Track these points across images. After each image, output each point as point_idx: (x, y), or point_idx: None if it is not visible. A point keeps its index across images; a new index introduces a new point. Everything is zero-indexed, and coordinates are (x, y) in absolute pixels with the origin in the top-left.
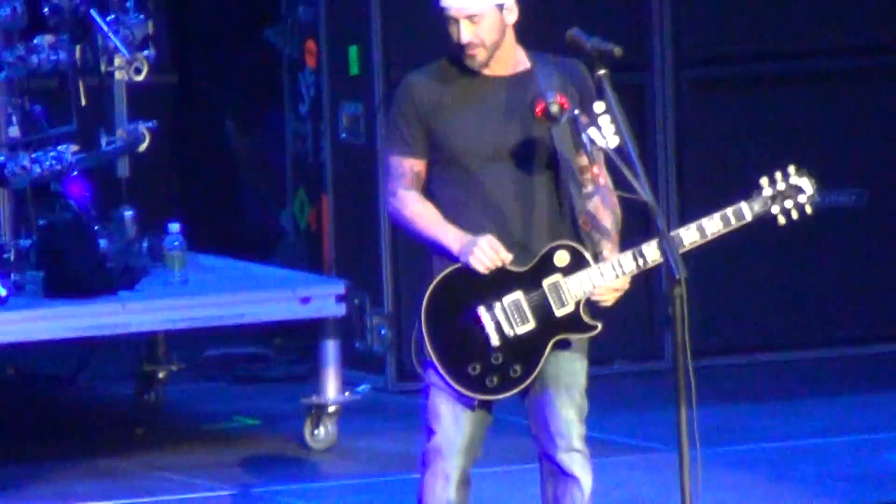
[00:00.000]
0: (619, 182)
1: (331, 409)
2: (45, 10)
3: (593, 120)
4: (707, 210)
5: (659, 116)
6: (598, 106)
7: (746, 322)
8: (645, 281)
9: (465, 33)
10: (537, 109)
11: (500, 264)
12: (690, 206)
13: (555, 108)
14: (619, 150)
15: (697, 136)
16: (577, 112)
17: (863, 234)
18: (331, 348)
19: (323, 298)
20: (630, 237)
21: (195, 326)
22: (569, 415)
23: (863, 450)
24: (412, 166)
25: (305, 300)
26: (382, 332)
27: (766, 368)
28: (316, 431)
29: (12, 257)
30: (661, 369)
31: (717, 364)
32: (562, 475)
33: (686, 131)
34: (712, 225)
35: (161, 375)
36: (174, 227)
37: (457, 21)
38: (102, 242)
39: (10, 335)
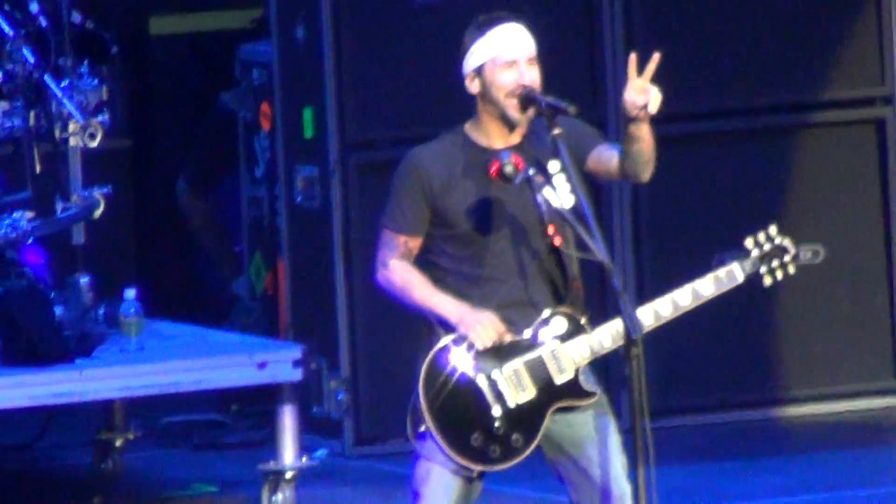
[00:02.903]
0: (576, 242)
1: (288, 475)
2: None
3: (548, 179)
4: (663, 271)
5: None
6: (553, 165)
7: (704, 381)
8: None
9: (531, 73)
10: (492, 170)
11: (499, 343)
12: (647, 265)
13: (509, 169)
14: (575, 209)
15: (653, 195)
16: (531, 172)
17: (821, 290)
18: (288, 413)
19: (280, 363)
20: (589, 297)
21: (152, 393)
22: (619, 474)
23: None
24: (406, 242)
25: (262, 365)
26: (340, 396)
27: (725, 428)
28: (274, 498)
29: None
30: (620, 430)
31: (675, 424)
32: None
33: (642, 190)
34: (705, 287)
35: (118, 443)
36: (130, 293)
37: (515, 64)
38: (58, 310)
39: None
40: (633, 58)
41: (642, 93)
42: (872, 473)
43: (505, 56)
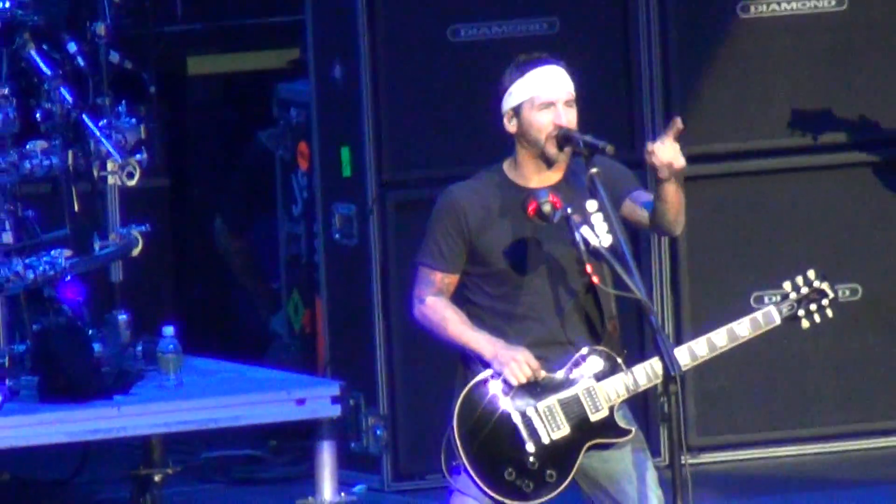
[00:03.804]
0: (613, 280)
1: None
2: (38, 115)
3: (586, 218)
4: (701, 310)
5: None
6: (591, 204)
7: (743, 418)
8: None
9: (569, 115)
10: (530, 209)
11: (533, 380)
12: (684, 304)
13: (547, 208)
14: (612, 248)
15: (691, 234)
16: (569, 211)
17: (857, 326)
18: (326, 449)
19: (318, 400)
20: (626, 335)
21: (191, 430)
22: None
23: None
24: (443, 279)
25: (301, 402)
26: (378, 432)
27: (763, 464)
28: None
29: (7, 363)
30: (658, 467)
31: (713, 461)
32: None
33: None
34: (742, 329)
35: (157, 479)
36: (168, 330)
37: (553, 105)
38: (97, 347)
39: (6, 441)
40: (677, 121)
41: (673, 153)
42: None
43: (543, 97)
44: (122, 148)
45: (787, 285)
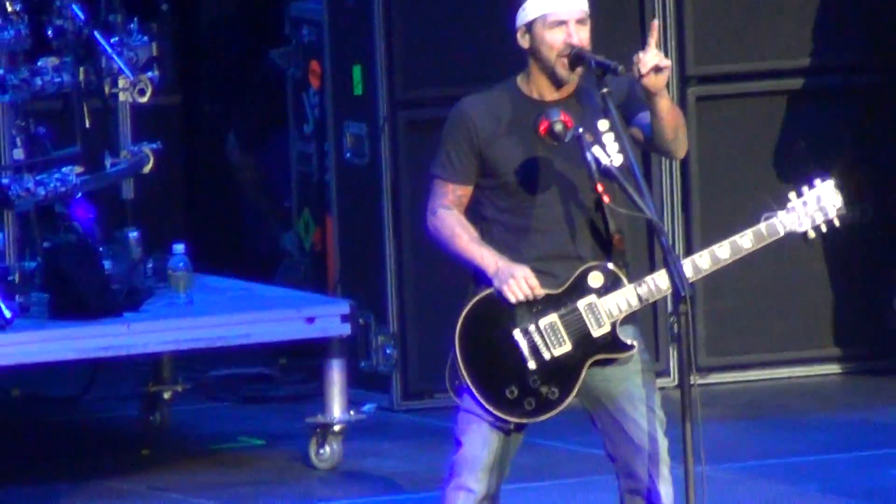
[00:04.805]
0: (624, 200)
1: (336, 428)
2: (49, 32)
3: (598, 138)
4: (712, 229)
5: None
6: (603, 124)
7: (751, 340)
8: None
9: (582, 34)
10: (541, 128)
11: (531, 298)
12: (696, 223)
13: (559, 127)
14: (623, 168)
15: (702, 153)
16: (580, 130)
17: (869, 249)
18: (336, 368)
19: (328, 318)
20: (634, 254)
21: (200, 347)
22: (654, 431)
23: (867, 466)
24: (455, 190)
25: (310, 320)
26: (388, 351)
27: (770, 386)
28: (321, 451)
29: (17, 279)
30: (667, 387)
31: (722, 382)
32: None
33: (690, 148)
34: (745, 241)
35: (166, 396)
36: (179, 247)
37: (565, 24)
38: (107, 264)
39: (16, 357)
40: (655, 24)
41: (656, 56)
42: None
43: (555, 15)
44: (133, 65)
45: (791, 194)
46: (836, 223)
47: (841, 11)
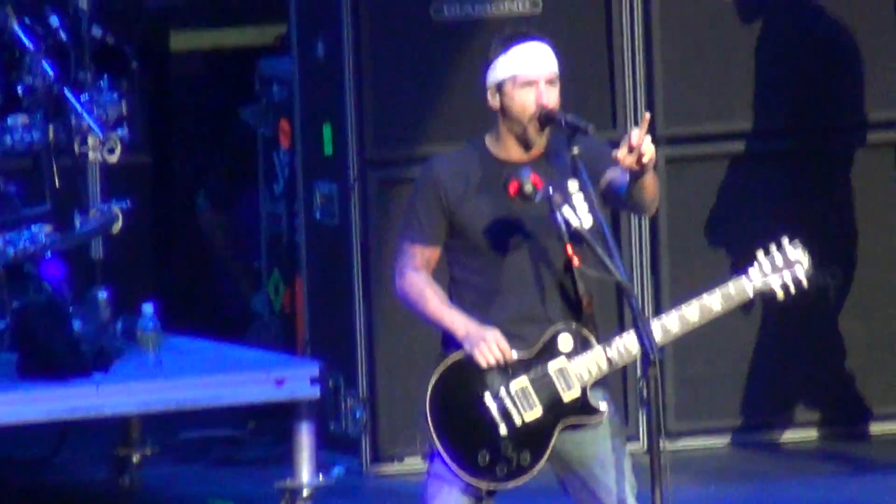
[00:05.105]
0: (594, 261)
1: (305, 492)
2: (19, 89)
3: (567, 199)
4: (681, 290)
5: None
6: (572, 184)
7: (722, 403)
8: None
9: (551, 95)
10: (511, 188)
11: (502, 362)
12: (665, 285)
13: (528, 188)
14: (593, 229)
15: (672, 215)
16: (550, 191)
17: (839, 311)
18: (305, 430)
19: (297, 380)
20: (604, 315)
21: (170, 409)
22: (625, 496)
23: None
24: (423, 252)
25: (280, 382)
26: (357, 413)
27: (742, 450)
28: None
29: None
30: (636, 451)
31: (691, 447)
32: None
33: (660, 209)
34: (714, 301)
35: (135, 459)
36: (148, 308)
37: (535, 84)
38: (76, 324)
39: None
40: (647, 116)
41: (648, 147)
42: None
43: (525, 75)
44: (103, 123)
45: (759, 255)
46: (804, 285)
47: (812, 75)
